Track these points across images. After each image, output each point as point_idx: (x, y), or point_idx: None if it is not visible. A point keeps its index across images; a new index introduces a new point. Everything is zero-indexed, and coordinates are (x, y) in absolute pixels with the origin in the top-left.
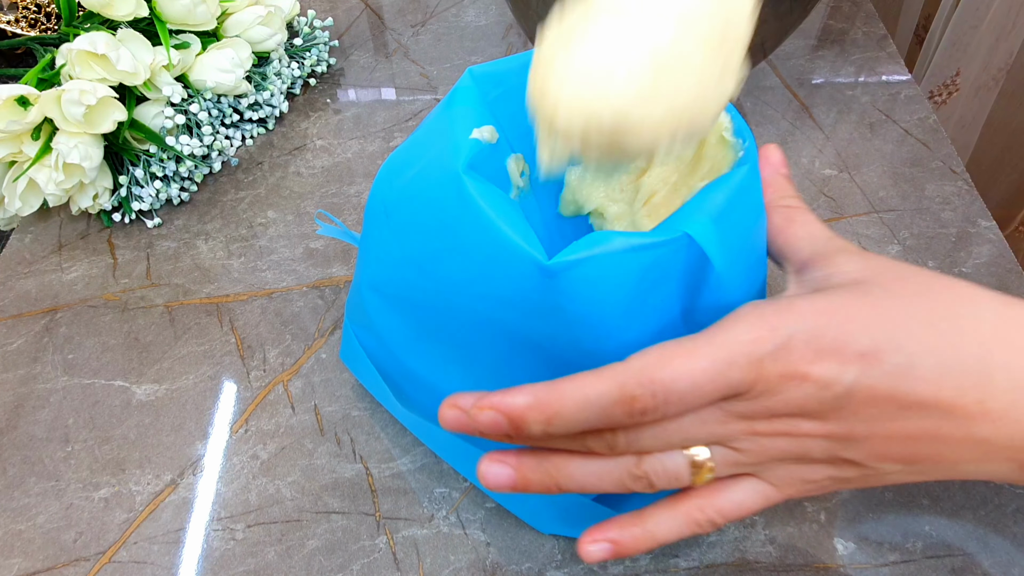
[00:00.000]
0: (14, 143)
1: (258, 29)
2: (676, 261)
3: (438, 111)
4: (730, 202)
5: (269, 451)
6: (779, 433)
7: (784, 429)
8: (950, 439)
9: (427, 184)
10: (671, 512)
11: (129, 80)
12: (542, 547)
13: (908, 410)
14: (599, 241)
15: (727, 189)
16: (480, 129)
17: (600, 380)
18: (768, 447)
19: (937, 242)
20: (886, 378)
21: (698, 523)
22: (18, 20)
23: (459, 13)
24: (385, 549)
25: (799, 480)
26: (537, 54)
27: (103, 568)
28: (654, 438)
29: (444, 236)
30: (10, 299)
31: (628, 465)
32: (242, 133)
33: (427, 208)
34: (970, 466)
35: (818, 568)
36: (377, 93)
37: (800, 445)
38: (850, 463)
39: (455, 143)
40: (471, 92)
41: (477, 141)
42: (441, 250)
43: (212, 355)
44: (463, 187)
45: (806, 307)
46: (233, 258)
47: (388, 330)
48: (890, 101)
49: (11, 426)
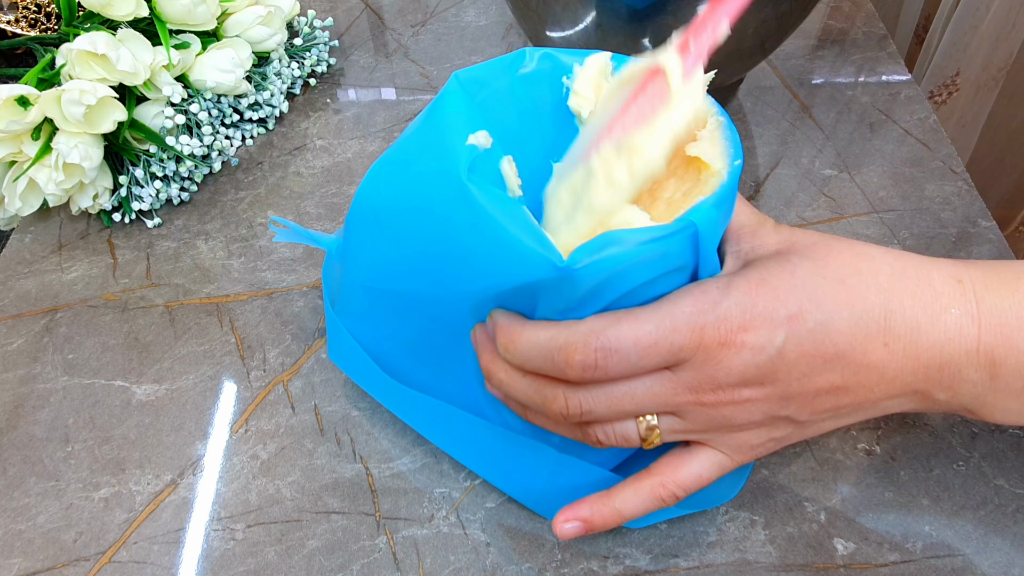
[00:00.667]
0: (14, 143)
1: (258, 29)
2: (684, 249)
3: (425, 116)
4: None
5: (269, 451)
6: (724, 403)
7: (728, 398)
8: (867, 383)
9: (424, 190)
10: (635, 490)
11: (129, 80)
12: (542, 547)
13: (831, 361)
14: (611, 240)
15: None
16: (475, 135)
17: (553, 328)
18: (714, 416)
19: (937, 242)
20: (808, 335)
21: (661, 498)
22: (18, 20)
23: (459, 13)
24: (385, 549)
25: (746, 445)
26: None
27: (103, 568)
28: (608, 407)
29: (448, 241)
30: (10, 299)
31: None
32: (242, 133)
33: (426, 214)
34: (887, 403)
35: (818, 568)
36: (377, 93)
37: (744, 412)
38: (786, 420)
39: (451, 149)
40: (459, 96)
41: (474, 147)
42: (444, 254)
43: (212, 355)
44: (467, 193)
45: (741, 283)
46: (233, 258)
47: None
48: (890, 101)
49: (11, 426)
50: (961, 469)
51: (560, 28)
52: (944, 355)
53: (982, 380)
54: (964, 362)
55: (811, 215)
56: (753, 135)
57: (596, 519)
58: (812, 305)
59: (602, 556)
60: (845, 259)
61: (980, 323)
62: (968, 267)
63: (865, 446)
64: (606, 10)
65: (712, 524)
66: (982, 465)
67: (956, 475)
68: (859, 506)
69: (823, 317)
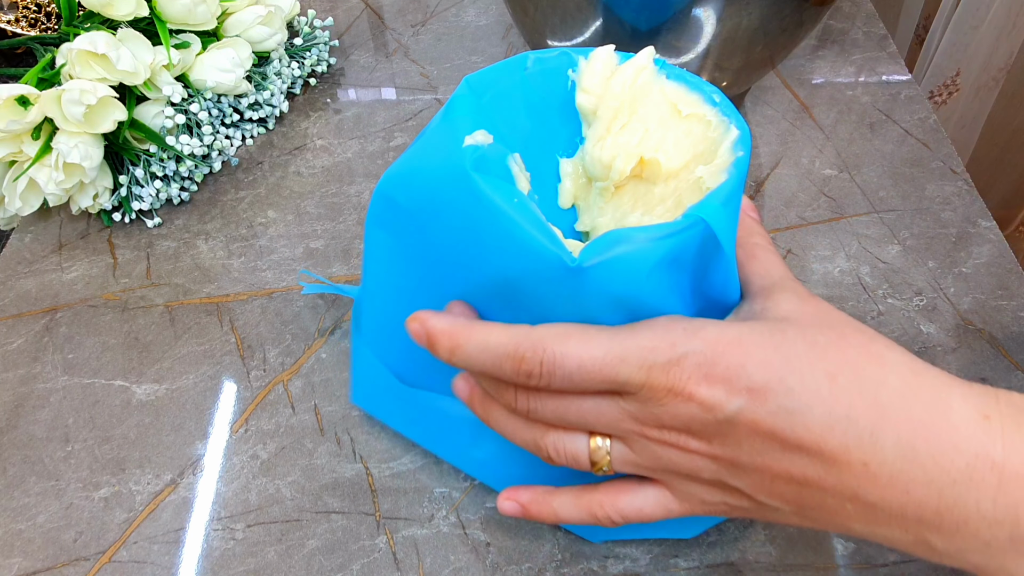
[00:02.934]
0: (14, 143)
1: (258, 29)
2: (692, 247)
3: (436, 123)
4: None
5: (269, 451)
6: (668, 444)
7: (673, 441)
8: (834, 492)
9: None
10: (575, 500)
11: (129, 80)
12: (542, 547)
13: (791, 451)
14: (620, 238)
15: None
16: (473, 135)
17: (503, 333)
18: (660, 455)
19: (937, 242)
20: (769, 416)
21: (596, 517)
22: (18, 20)
23: (459, 13)
24: (385, 549)
25: (697, 498)
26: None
27: (103, 568)
28: (554, 412)
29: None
30: (10, 299)
31: (535, 432)
32: (242, 133)
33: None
34: (861, 527)
35: (818, 568)
36: (377, 93)
37: (690, 461)
38: (739, 492)
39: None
40: (467, 99)
41: (479, 146)
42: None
43: (212, 355)
44: (475, 186)
45: (712, 333)
46: (233, 258)
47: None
48: (890, 101)
49: (11, 426)
50: None
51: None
52: (944, 499)
53: (998, 540)
54: (974, 514)
55: (811, 215)
56: (753, 135)
57: (533, 508)
58: (782, 388)
59: (602, 556)
60: (850, 355)
61: (1003, 472)
62: (1001, 402)
63: None
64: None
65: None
66: None
67: None
68: None
69: (790, 404)
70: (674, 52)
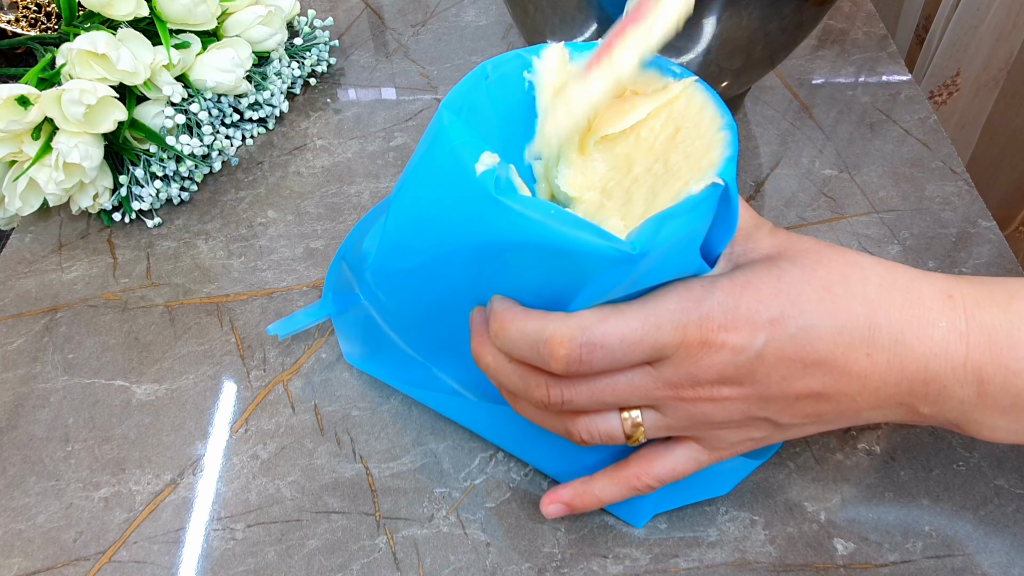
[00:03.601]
0: (14, 143)
1: (258, 29)
2: (711, 209)
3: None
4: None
5: (269, 451)
6: (702, 399)
7: (707, 395)
8: (849, 391)
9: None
10: (613, 479)
11: (129, 80)
12: (542, 547)
13: (811, 368)
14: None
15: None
16: (480, 160)
17: (543, 320)
18: (693, 412)
19: (937, 242)
20: (790, 340)
21: (636, 488)
22: (18, 20)
23: (459, 13)
24: (385, 549)
25: (725, 442)
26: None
27: (103, 568)
28: (589, 396)
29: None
30: (10, 299)
31: (565, 418)
32: (242, 133)
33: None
34: (870, 412)
35: (818, 568)
36: (377, 93)
37: (723, 410)
38: (766, 421)
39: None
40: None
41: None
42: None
43: (212, 355)
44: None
45: (726, 284)
46: (233, 258)
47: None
48: (890, 101)
49: (11, 426)
50: (961, 469)
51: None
52: (929, 370)
53: (969, 397)
54: (950, 378)
55: (811, 215)
56: (753, 135)
57: (577, 503)
58: (795, 311)
59: (602, 556)
60: (834, 267)
61: (968, 340)
62: (960, 283)
63: (865, 446)
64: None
65: (712, 524)
66: (982, 465)
67: (956, 475)
68: (859, 506)
69: (805, 323)
70: (674, 52)
